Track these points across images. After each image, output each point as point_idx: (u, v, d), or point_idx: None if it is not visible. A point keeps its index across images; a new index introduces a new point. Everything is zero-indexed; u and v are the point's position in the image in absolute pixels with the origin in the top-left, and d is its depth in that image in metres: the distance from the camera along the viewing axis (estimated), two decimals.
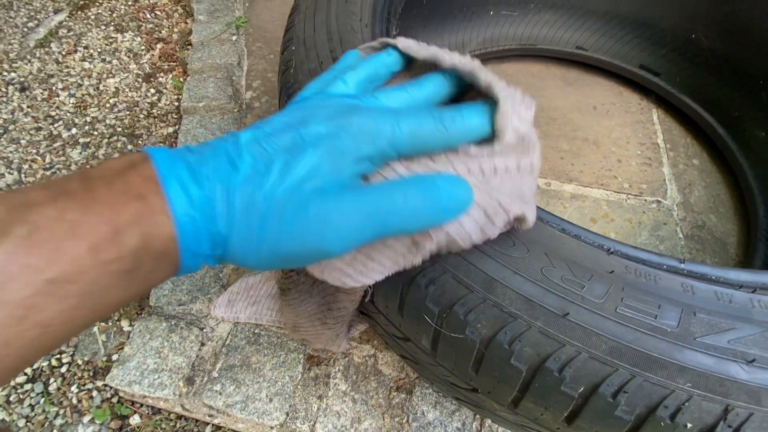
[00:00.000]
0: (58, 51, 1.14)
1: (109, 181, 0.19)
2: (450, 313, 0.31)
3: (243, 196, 0.21)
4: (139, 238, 0.19)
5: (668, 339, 0.27)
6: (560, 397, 0.29)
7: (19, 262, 0.16)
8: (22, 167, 0.91)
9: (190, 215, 0.20)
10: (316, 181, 0.22)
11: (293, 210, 0.21)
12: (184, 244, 0.20)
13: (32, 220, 0.17)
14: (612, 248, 0.32)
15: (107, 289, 0.19)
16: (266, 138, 0.23)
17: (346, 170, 0.23)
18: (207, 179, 0.21)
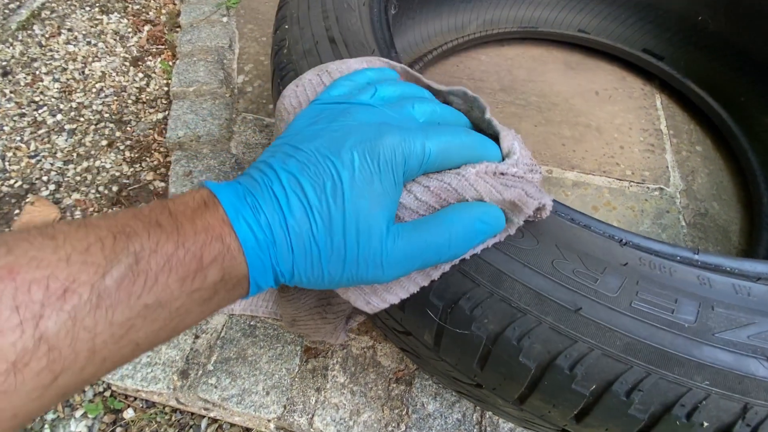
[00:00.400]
0: (41, 33, 1.09)
1: (191, 220, 0.22)
2: (455, 308, 0.29)
3: (300, 240, 0.23)
4: (219, 273, 0.22)
5: (685, 335, 0.26)
6: (570, 395, 0.28)
7: (126, 289, 0.19)
8: (5, 155, 0.87)
9: (260, 257, 0.23)
10: (364, 223, 0.24)
11: (352, 253, 0.24)
12: (254, 278, 0.24)
13: (135, 251, 0.20)
14: (625, 239, 0.30)
15: (188, 313, 0.22)
16: (303, 172, 0.24)
17: (385, 204, 0.25)
18: (268, 225, 0.23)
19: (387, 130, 0.25)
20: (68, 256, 0.18)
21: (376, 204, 0.24)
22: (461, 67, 0.94)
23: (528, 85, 0.91)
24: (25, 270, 0.17)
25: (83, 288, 0.18)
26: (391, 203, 0.25)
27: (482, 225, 0.26)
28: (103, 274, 0.19)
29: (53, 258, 0.18)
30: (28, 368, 0.17)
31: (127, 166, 0.87)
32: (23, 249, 0.18)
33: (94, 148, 0.90)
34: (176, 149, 0.83)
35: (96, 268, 0.19)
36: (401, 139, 0.25)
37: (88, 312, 0.18)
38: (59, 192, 0.83)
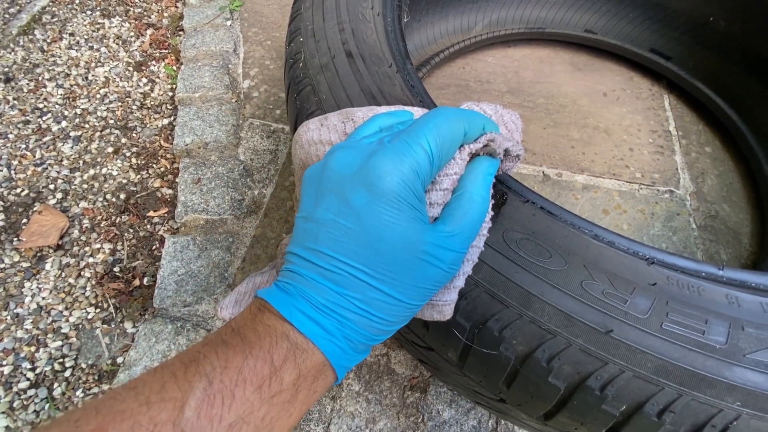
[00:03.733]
0: (43, 38, 1.08)
1: (252, 328, 0.22)
2: (483, 329, 0.29)
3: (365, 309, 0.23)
4: (295, 370, 0.22)
5: (717, 356, 0.26)
6: (600, 414, 0.28)
7: (206, 415, 0.19)
8: (11, 163, 0.87)
9: (331, 341, 0.23)
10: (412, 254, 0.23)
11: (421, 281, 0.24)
12: (336, 363, 0.23)
13: (207, 372, 0.20)
14: (651, 256, 0.30)
15: (275, 421, 0.21)
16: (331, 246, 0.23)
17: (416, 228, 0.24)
18: (326, 307, 0.23)
19: (378, 160, 0.23)
20: (147, 399, 0.19)
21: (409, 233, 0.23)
22: (468, 69, 0.93)
23: (535, 86, 0.91)
24: (112, 425, 0.18)
25: (166, 427, 0.18)
26: (420, 221, 0.24)
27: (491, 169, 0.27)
28: (182, 407, 0.19)
29: (135, 405, 0.19)
30: None
31: (133, 173, 0.87)
32: (109, 406, 0.19)
33: (100, 155, 0.89)
34: (184, 156, 0.82)
35: (174, 403, 0.19)
36: (397, 160, 0.23)
37: None
38: (66, 200, 0.83)
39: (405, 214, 0.23)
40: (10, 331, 0.68)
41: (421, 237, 0.23)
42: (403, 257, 0.23)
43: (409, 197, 0.23)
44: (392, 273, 0.23)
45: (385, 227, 0.23)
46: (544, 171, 0.79)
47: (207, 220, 0.74)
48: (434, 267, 0.24)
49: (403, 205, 0.23)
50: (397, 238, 0.23)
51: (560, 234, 0.30)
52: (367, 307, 0.23)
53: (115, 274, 0.74)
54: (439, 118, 0.25)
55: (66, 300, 0.72)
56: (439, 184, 0.26)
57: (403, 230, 0.23)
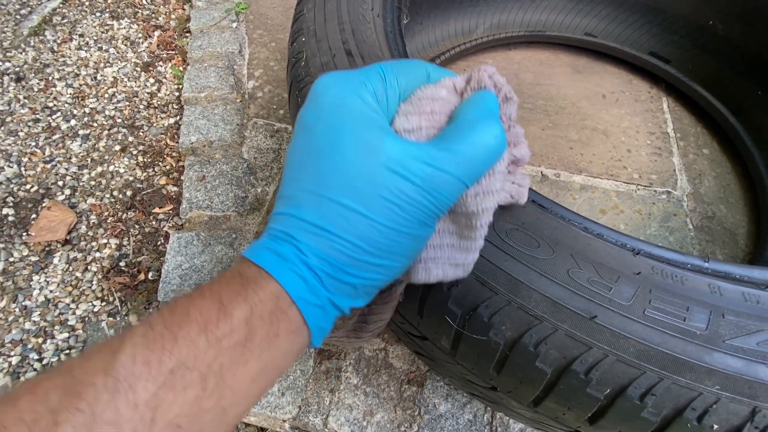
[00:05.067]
0: (53, 39, 1.11)
1: (217, 278, 0.20)
2: (473, 315, 0.30)
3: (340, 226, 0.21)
4: (246, 304, 0.19)
5: (697, 341, 0.27)
6: (585, 398, 0.29)
7: (142, 359, 0.17)
8: (21, 160, 0.89)
9: (292, 270, 0.20)
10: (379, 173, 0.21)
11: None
12: (298, 297, 0.20)
13: (150, 319, 0.18)
14: (638, 248, 0.31)
15: (226, 369, 0.18)
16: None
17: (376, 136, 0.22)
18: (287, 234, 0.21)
19: (323, 76, 0.22)
20: (89, 353, 0.17)
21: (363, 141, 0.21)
22: (468, 71, 0.95)
23: (535, 88, 0.92)
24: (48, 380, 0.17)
25: (97, 376, 0.16)
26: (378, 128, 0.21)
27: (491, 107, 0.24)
28: (116, 353, 0.17)
29: (77, 358, 0.17)
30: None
31: (140, 170, 0.89)
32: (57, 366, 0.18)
33: (107, 153, 0.91)
34: (189, 154, 0.84)
35: (111, 350, 0.17)
36: (342, 74, 0.22)
37: (107, 401, 0.16)
38: (75, 196, 0.85)
39: (355, 120, 0.21)
40: (18, 323, 0.70)
41: (380, 144, 0.20)
42: (358, 164, 0.20)
43: (355, 103, 0.21)
44: (346, 181, 0.20)
45: (333, 135, 0.21)
46: (543, 171, 0.80)
47: (211, 217, 0.76)
48: (402, 178, 0.20)
49: (350, 110, 0.21)
50: (348, 145, 0.20)
51: (549, 225, 0.32)
52: (322, 222, 0.20)
53: (120, 269, 0.76)
54: (399, 59, 0.24)
55: (73, 293, 0.73)
56: (418, 105, 0.24)
57: (355, 136, 0.20)
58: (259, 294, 0.19)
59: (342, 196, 0.20)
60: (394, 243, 0.21)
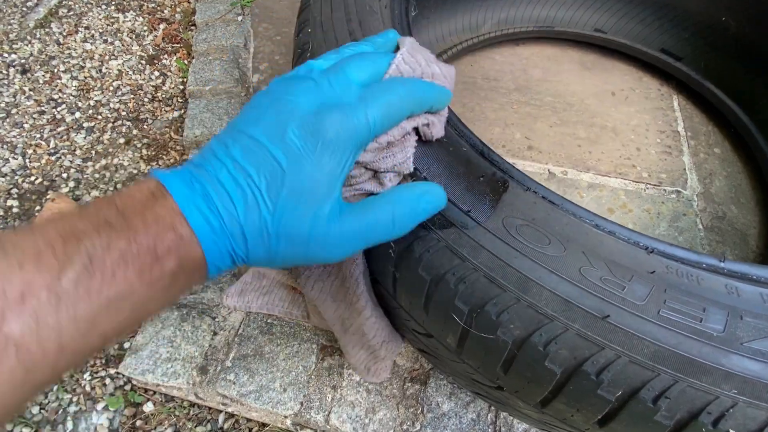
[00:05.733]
0: (59, 31, 1.11)
1: (140, 213, 0.22)
2: (481, 313, 0.30)
3: (250, 226, 0.24)
4: (176, 261, 0.23)
5: (714, 343, 0.26)
6: (595, 400, 0.28)
7: (84, 287, 0.20)
8: (26, 152, 0.89)
9: (215, 243, 0.24)
10: (305, 207, 0.25)
11: (299, 238, 0.25)
12: (212, 263, 0.25)
13: (88, 251, 0.20)
14: (651, 246, 0.30)
15: (151, 301, 0.23)
16: (246, 159, 0.24)
17: (329, 185, 0.25)
18: (218, 212, 0.24)
19: (327, 112, 0.25)
20: (20, 263, 0.19)
21: (319, 186, 0.25)
22: (475, 66, 0.94)
23: (543, 85, 0.91)
24: None
25: (40, 291, 0.18)
26: (334, 183, 0.25)
27: (426, 204, 0.28)
28: (59, 276, 0.19)
29: (4, 266, 0.19)
30: (0, 366, 0.18)
31: (144, 163, 0.89)
32: None
33: (112, 145, 0.91)
34: (193, 148, 0.84)
35: (50, 271, 0.19)
36: (343, 118, 0.25)
37: (50, 312, 0.19)
38: (79, 189, 0.85)
39: (330, 164, 0.25)
40: None
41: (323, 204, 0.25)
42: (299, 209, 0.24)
43: (339, 154, 0.25)
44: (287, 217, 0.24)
45: (298, 173, 0.24)
46: (550, 169, 0.79)
47: None
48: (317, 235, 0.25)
49: (329, 164, 0.25)
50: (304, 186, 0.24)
51: (560, 221, 0.31)
52: (259, 231, 0.24)
53: None
54: (393, 93, 0.27)
55: None
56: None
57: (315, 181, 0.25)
58: (188, 254, 0.23)
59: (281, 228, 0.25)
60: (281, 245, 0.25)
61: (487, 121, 0.84)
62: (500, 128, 0.83)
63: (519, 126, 0.83)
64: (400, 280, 0.35)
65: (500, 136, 0.82)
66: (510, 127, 0.83)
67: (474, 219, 0.30)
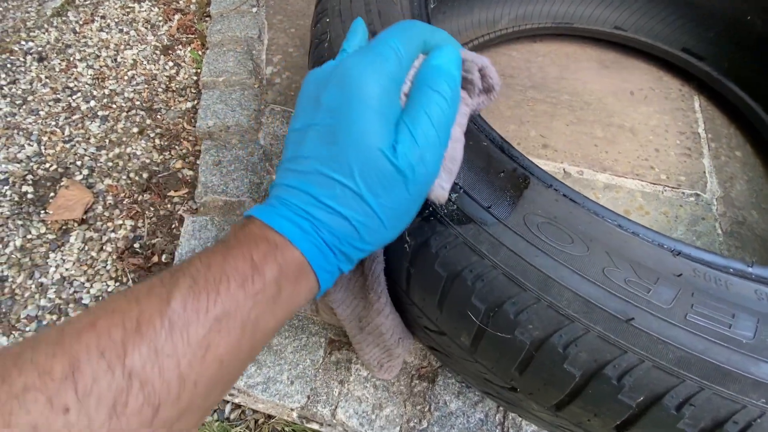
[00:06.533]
0: (75, 20, 1.11)
1: (233, 235, 0.24)
2: (498, 312, 0.29)
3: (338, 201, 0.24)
4: (276, 268, 0.23)
5: (743, 351, 0.25)
6: (616, 405, 0.27)
7: (192, 307, 0.20)
8: (41, 139, 0.90)
9: (310, 241, 0.24)
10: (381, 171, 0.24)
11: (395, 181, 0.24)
12: (316, 264, 0.24)
13: (191, 274, 0.21)
14: (677, 249, 0.29)
15: (260, 319, 0.22)
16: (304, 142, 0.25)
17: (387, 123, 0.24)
18: (306, 212, 0.24)
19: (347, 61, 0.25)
20: (137, 298, 0.20)
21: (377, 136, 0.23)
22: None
23: (560, 82, 0.89)
24: (103, 319, 0.19)
25: (154, 318, 0.19)
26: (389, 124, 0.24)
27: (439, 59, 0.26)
28: (168, 300, 0.20)
29: (124, 302, 0.20)
30: (128, 407, 0.17)
31: (156, 153, 0.89)
32: (101, 306, 0.20)
33: (125, 134, 0.92)
34: (206, 138, 0.84)
35: (160, 297, 0.20)
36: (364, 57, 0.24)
37: (165, 338, 0.19)
38: (92, 177, 0.85)
39: (374, 108, 0.23)
40: (34, 299, 0.71)
41: (387, 137, 0.24)
42: (368, 155, 0.23)
43: (378, 93, 0.23)
44: (358, 170, 0.23)
45: (354, 121, 0.23)
46: (565, 168, 0.77)
47: (226, 202, 0.75)
48: (399, 167, 0.24)
49: (371, 99, 0.23)
50: (363, 133, 0.23)
51: (583, 220, 0.30)
52: (335, 205, 0.24)
53: (135, 250, 0.76)
54: (400, 24, 0.26)
55: (88, 272, 0.74)
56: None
57: (371, 125, 0.23)
58: (286, 259, 0.23)
59: (352, 183, 0.24)
60: (392, 221, 0.25)
61: (503, 118, 0.82)
62: (515, 126, 0.82)
63: (534, 124, 0.82)
64: (414, 276, 0.34)
65: (515, 134, 0.80)
66: (525, 125, 0.82)
67: (494, 215, 0.29)
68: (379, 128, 0.23)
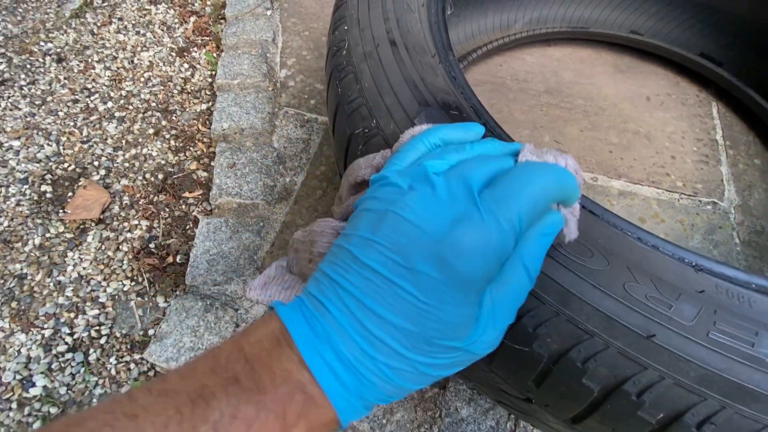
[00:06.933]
0: (93, 22, 1.13)
1: (268, 368, 0.20)
2: (516, 325, 0.29)
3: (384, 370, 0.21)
4: (305, 427, 0.20)
5: (766, 370, 0.25)
6: (634, 421, 0.27)
7: None
8: (60, 139, 0.92)
9: (346, 399, 0.21)
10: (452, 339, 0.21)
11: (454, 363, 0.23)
12: (344, 418, 0.22)
13: (214, 419, 0.19)
14: (698, 263, 0.29)
15: None
16: (367, 293, 0.21)
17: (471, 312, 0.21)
18: (350, 363, 0.21)
19: (463, 236, 0.21)
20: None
21: (464, 319, 0.21)
22: (505, 66, 0.92)
23: (574, 87, 0.88)
24: None
25: None
26: (478, 307, 0.22)
27: (548, 227, 0.24)
28: None
29: None
30: None
31: (172, 154, 0.90)
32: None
33: (141, 135, 0.93)
34: (221, 141, 0.85)
35: None
36: (484, 242, 0.21)
37: None
38: (109, 177, 0.87)
39: (469, 302, 0.21)
40: (52, 297, 0.72)
41: (470, 326, 0.21)
42: (448, 337, 0.21)
43: (480, 286, 0.21)
44: (433, 353, 0.21)
45: (443, 310, 0.20)
46: None
47: (240, 204, 0.76)
48: (471, 353, 0.22)
49: (471, 292, 0.21)
50: (450, 326, 0.21)
51: (603, 234, 0.30)
52: (394, 376, 0.21)
53: (150, 250, 0.77)
54: (537, 186, 0.22)
55: (104, 271, 0.75)
56: None
57: (460, 318, 0.21)
58: (319, 420, 0.21)
59: (421, 362, 0.21)
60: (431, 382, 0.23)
61: (516, 122, 0.82)
62: (528, 131, 0.81)
63: (548, 129, 0.82)
64: None
65: (528, 139, 0.80)
66: (539, 130, 0.81)
67: None
68: (466, 324, 0.21)
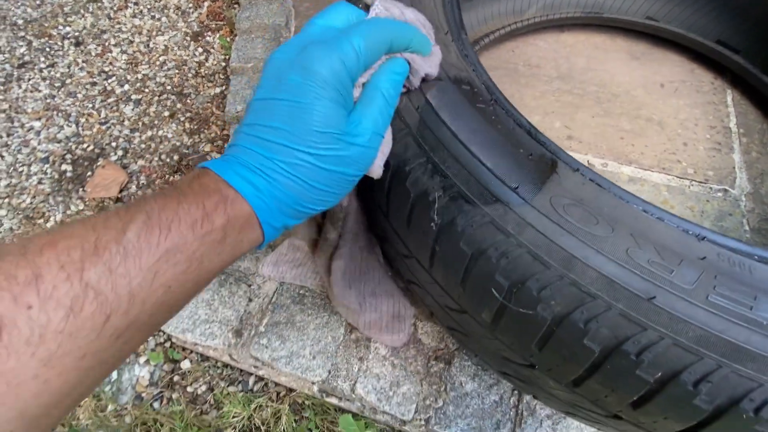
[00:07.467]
0: (110, 6, 1.15)
1: (188, 184, 0.26)
2: (521, 289, 0.30)
3: (291, 168, 0.27)
4: (224, 216, 0.26)
5: (763, 332, 0.26)
6: (633, 381, 0.28)
7: (146, 239, 0.23)
8: (79, 120, 0.94)
9: (259, 198, 0.27)
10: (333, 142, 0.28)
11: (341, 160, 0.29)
12: (263, 219, 0.27)
13: (146, 210, 0.24)
14: (702, 234, 0.30)
15: (205, 257, 0.25)
16: (260, 115, 0.27)
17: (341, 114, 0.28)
18: (257, 169, 0.27)
19: (312, 49, 0.27)
20: (93, 226, 0.22)
21: (331, 114, 0.27)
22: (517, 52, 0.92)
23: (587, 73, 0.88)
24: (62, 241, 0.21)
25: (111, 244, 0.22)
26: (342, 106, 0.28)
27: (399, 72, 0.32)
28: (124, 231, 0.22)
29: (82, 229, 0.22)
30: (83, 312, 0.20)
31: (186, 136, 0.92)
32: (59, 230, 0.22)
33: (157, 118, 0.95)
34: (234, 123, 0.86)
35: (116, 229, 0.23)
36: (328, 50, 0.27)
37: (120, 262, 0.22)
38: (126, 158, 0.89)
39: (330, 96, 0.27)
40: None
41: (340, 119, 0.28)
42: (325, 133, 0.27)
43: (335, 83, 0.27)
44: (315, 143, 0.27)
45: (312, 103, 0.26)
46: (589, 160, 0.77)
47: None
48: (350, 146, 0.28)
49: (329, 87, 0.27)
50: (321, 115, 0.27)
51: (609, 203, 0.30)
52: (292, 170, 0.27)
53: None
54: (372, 25, 0.29)
55: None
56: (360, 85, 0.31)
57: (327, 109, 0.27)
58: (236, 211, 0.26)
59: (310, 154, 0.27)
60: (338, 189, 0.30)
61: (527, 108, 0.82)
62: (540, 116, 0.81)
63: (559, 115, 0.82)
64: (439, 254, 0.36)
65: (539, 124, 0.80)
66: (550, 116, 0.81)
67: (521, 196, 0.31)
68: (335, 114, 0.27)
